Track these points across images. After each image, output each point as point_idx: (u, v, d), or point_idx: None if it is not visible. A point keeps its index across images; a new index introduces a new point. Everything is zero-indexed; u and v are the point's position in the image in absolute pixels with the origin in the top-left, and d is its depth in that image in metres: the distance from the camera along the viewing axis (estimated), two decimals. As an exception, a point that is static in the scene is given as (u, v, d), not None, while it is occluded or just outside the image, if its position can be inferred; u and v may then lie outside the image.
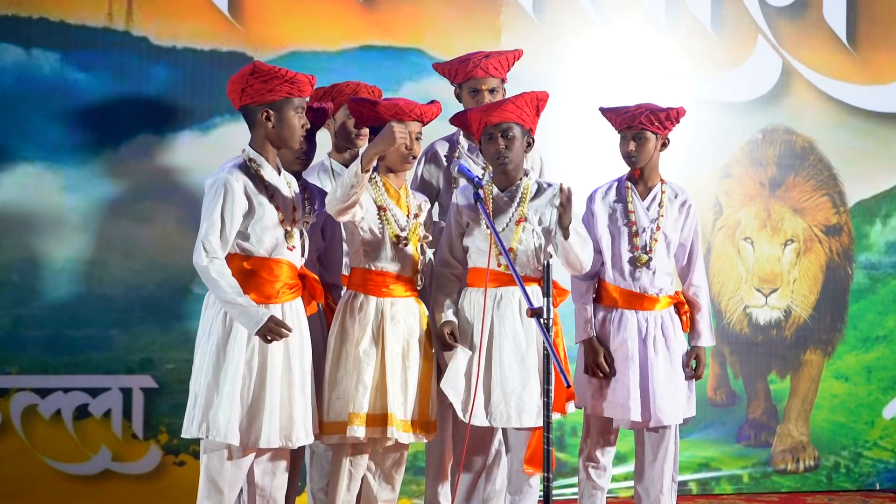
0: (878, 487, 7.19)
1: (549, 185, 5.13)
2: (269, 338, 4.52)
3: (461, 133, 5.51)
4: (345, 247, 5.21)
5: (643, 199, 5.34)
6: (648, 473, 5.35)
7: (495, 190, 5.07)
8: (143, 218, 6.02)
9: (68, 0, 5.93)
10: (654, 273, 5.28)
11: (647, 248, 5.28)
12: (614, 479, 6.31)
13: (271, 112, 4.64)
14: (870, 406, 7.22)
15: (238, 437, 4.53)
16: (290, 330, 4.55)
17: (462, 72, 5.39)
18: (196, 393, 4.57)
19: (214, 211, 4.54)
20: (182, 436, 4.60)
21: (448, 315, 5.02)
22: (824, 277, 7.14)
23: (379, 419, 4.83)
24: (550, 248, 5.07)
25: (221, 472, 4.59)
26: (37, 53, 5.91)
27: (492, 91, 5.38)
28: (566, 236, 4.93)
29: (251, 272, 4.60)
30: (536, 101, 5.03)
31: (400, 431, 4.84)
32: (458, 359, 4.99)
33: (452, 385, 4.97)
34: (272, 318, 4.50)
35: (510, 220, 5.03)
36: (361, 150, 5.09)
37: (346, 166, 5.40)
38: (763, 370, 7.07)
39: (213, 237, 4.54)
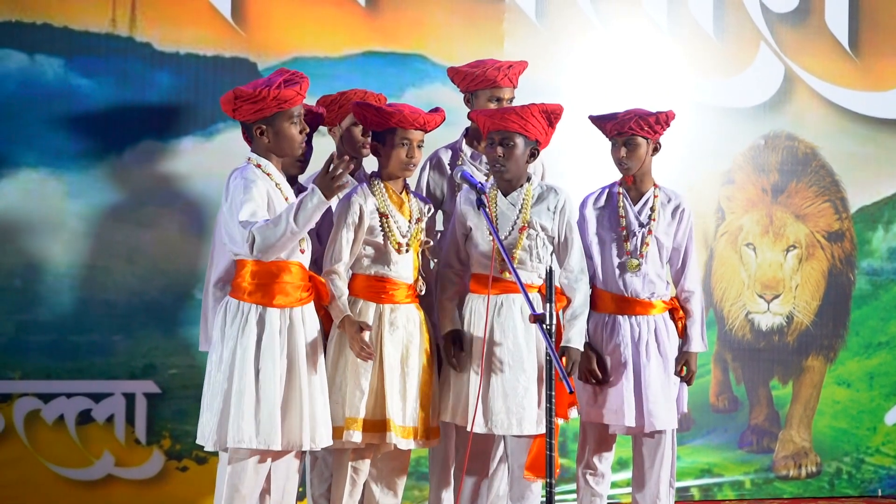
0: (880, 493, 7.19)
1: (552, 188, 5.13)
2: (336, 185, 4.44)
3: (464, 140, 5.52)
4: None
5: (635, 203, 5.34)
6: (646, 479, 5.35)
7: (499, 195, 5.08)
8: (146, 223, 6.02)
9: (72, 6, 5.93)
10: (645, 278, 5.28)
11: (638, 253, 5.28)
12: (616, 486, 6.32)
13: (265, 127, 4.66)
14: (872, 412, 7.22)
15: (278, 441, 4.54)
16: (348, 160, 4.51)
17: (487, 79, 5.35)
18: (219, 403, 4.56)
19: (249, 203, 4.51)
20: (206, 449, 4.60)
21: (453, 324, 5.04)
22: (826, 283, 7.14)
23: (377, 425, 4.84)
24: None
25: (245, 478, 4.60)
26: (40, 59, 5.91)
27: (510, 101, 5.40)
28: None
29: (269, 276, 4.61)
30: (547, 114, 5.03)
31: (399, 437, 4.85)
32: (459, 383, 5.01)
33: (453, 408, 5.00)
34: (322, 177, 4.45)
35: (514, 226, 5.04)
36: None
37: (352, 175, 5.41)
38: (765, 376, 7.07)
39: (248, 216, 4.48)
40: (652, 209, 5.32)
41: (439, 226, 5.36)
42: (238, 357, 4.56)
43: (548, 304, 4.48)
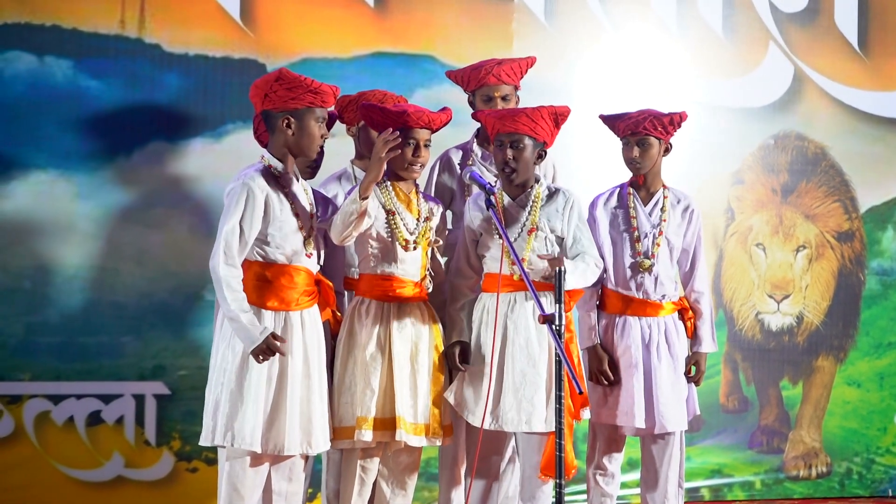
0: (890, 494, 7.18)
1: (560, 190, 5.12)
2: (262, 358, 4.52)
3: (475, 141, 5.52)
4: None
5: (645, 204, 5.33)
6: (654, 480, 5.35)
7: (506, 198, 5.07)
8: (156, 225, 6.02)
9: (81, 8, 5.94)
10: (656, 279, 5.27)
11: (650, 254, 5.27)
12: (626, 486, 6.31)
13: (292, 119, 4.65)
14: (882, 412, 7.21)
15: (260, 444, 4.55)
16: (283, 353, 4.56)
17: (475, 79, 5.39)
18: (217, 400, 4.59)
19: (234, 215, 4.55)
20: (202, 444, 4.63)
21: (459, 335, 5.05)
22: (836, 283, 7.13)
23: (388, 423, 4.83)
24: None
25: (244, 478, 4.61)
26: (49, 61, 5.92)
27: (504, 98, 5.38)
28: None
29: (271, 279, 4.62)
30: (555, 116, 5.02)
31: (410, 434, 4.85)
32: (466, 374, 5.01)
33: (457, 396, 4.99)
34: (268, 338, 4.51)
35: (522, 228, 5.03)
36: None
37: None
38: (775, 376, 7.06)
39: (234, 242, 4.54)
40: (662, 210, 5.31)
41: (449, 225, 5.34)
42: (229, 357, 4.59)
43: (557, 305, 4.47)
